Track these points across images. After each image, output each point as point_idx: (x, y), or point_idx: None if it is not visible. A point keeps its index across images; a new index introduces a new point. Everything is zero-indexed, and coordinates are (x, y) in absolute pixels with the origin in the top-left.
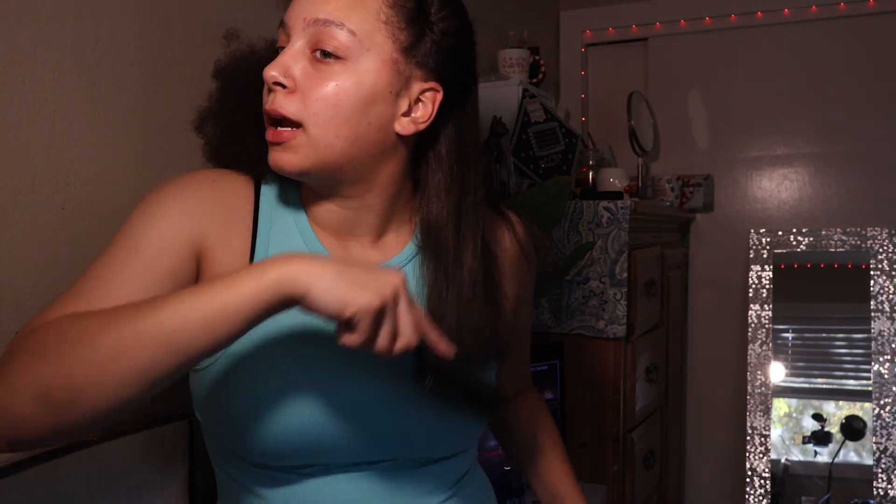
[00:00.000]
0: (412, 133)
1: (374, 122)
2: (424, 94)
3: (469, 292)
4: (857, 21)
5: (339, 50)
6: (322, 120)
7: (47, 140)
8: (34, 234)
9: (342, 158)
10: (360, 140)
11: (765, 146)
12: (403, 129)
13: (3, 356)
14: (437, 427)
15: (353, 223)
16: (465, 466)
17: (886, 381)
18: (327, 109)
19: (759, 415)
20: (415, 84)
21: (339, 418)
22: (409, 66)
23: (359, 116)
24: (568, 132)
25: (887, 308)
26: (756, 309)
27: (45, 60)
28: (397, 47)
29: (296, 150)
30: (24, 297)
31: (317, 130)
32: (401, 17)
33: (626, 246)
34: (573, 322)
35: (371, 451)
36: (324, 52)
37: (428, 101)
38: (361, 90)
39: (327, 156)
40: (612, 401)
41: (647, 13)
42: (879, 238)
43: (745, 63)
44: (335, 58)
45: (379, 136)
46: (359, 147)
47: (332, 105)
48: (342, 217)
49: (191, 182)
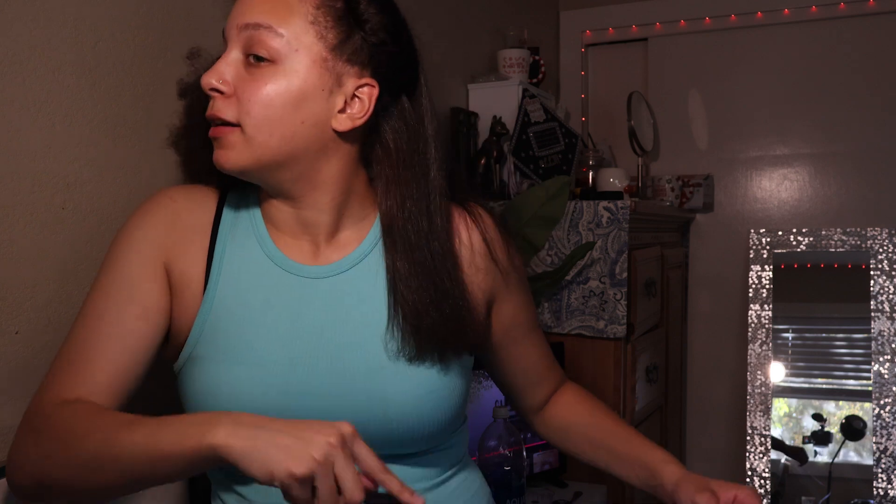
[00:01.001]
0: (349, 129)
1: (307, 120)
2: (360, 89)
3: (430, 280)
4: (857, 21)
5: (270, 53)
6: (256, 120)
7: (47, 140)
8: (34, 234)
9: (279, 157)
10: (297, 138)
11: (765, 146)
12: (340, 126)
13: (18, 429)
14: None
15: (307, 222)
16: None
17: (886, 381)
18: (260, 110)
19: (759, 415)
20: (348, 80)
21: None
22: (339, 64)
23: (291, 115)
24: (568, 132)
25: (887, 308)
26: (756, 309)
27: (45, 60)
28: (326, 46)
29: (233, 147)
30: (24, 297)
31: (252, 130)
32: (328, 17)
33: (626, 246)
34: (573, 322)
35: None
36: (256, 57)
37: (364, 97)
38: (291, 89)
39: (263, 154)
40: (612, 401)
41: (647, 13)
42: (879, 238)
43: (745, 63)
44: (266, 61)
45: (315, 133)
46: (295, 145)
47: (265, 105)
48: (295, 217)
49: (149, 205)
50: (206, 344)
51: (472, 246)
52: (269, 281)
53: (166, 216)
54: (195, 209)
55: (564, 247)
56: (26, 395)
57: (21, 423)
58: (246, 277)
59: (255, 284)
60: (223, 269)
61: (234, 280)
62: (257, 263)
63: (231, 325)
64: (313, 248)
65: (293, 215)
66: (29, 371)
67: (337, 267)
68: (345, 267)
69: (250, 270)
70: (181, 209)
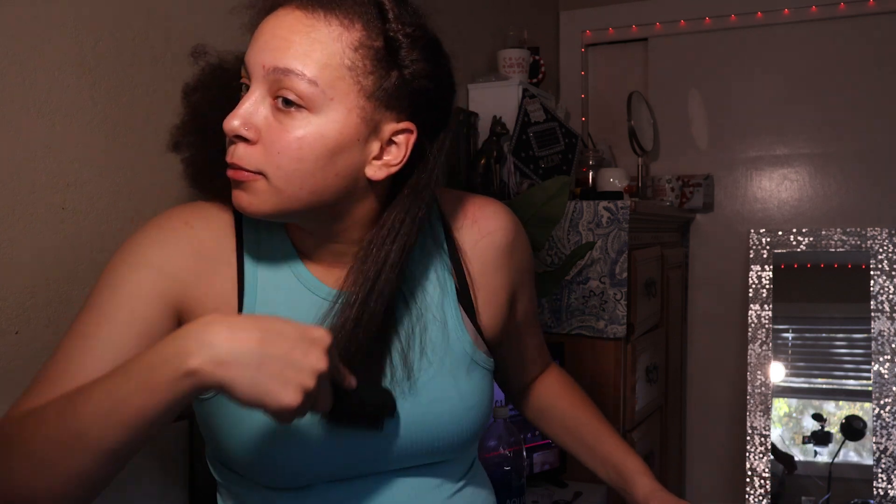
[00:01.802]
0: (384, 178)
1: (341, 172)
2: (397, 135)
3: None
4: (857, 21)
5: (301, 100)
6: (285, 173)
7: (47, 140)
8: (34, 234)
9: (309, 206)
10: (328, 190)
11: (765, 146)
12: (376, 175)
13: None
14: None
15: (338, 252)
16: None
17: (886, 381)
18: (291, 163)
19: (759, 415)
20: (386, 126)
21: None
22: (377, 112)
23: (324, 168)
24: (568, 132)
25: (887, 308)
26: (756, 309)
27: (45, 60)
28: (363, 94)
29: (256, 194)
30: (24, 297)
31: (280, 182)
32: (367, 60)
33: (626, 246)
34: (573, 322)
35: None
36: (286, 101)
37: (402, 143)
38: (326, 142)
39: (291, 205)
40: (612, 401)
41: (647, 13)
42: (879, 238)
43: (745, 63)
44: (298, 106)
45: (347, 184)
46: (326, 197)
47: (296, 159)
48: (325, 248)
49: (161, 229)
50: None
51: (498, 244)
52: (307, 307)
53: (186, 247)
54: (216, 234)
55: (564, 247)
56: None
57: None
58: (283, 307)
59: (293, 313)
60: (258, 298)
61: (270, 309)
62: (293, 290)
63: None
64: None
65: (323, 247)
66: (29, 371)
67: None
68: None
69: (287, 298)
70: (202, 237)
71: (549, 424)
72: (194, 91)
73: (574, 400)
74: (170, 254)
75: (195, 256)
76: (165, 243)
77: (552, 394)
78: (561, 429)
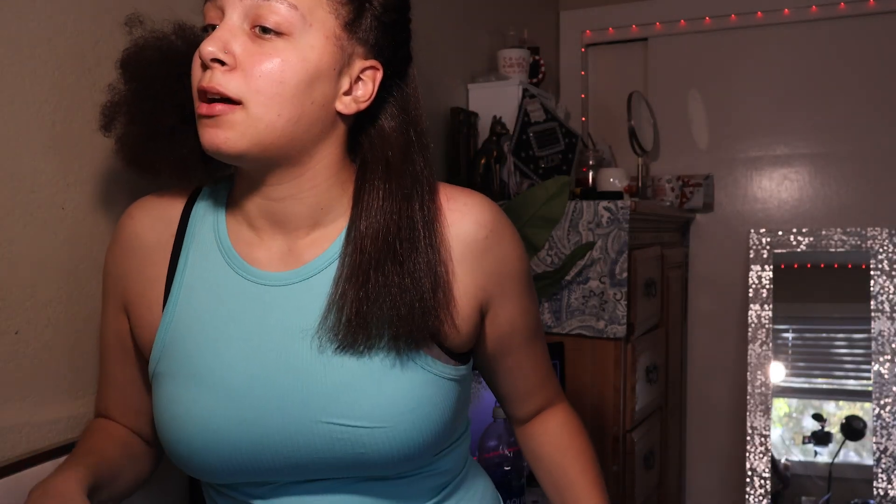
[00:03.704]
0: (353, 112)
1: (317, 101)
2: (364, 72)
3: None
4: (857, 21)
5: (282, 25)
6: (265, 98)
7: (47, 140)
8: (34, 234)
9: (282, 139)
10: (303, 120)
11: (765, 146)
12: (346, 108)
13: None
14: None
15: (283, 217)
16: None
17: (886, 381)
18: (271, 86)
19: (759, 415)
20: (356, 62)
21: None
22: (351, 43)
23: (302, 95)
24: (568, 132)
25: (887, 308)
26: (756, 309)
27: (45, 60)
28: (339, 23)
29: (233, 127)
30: (24, 297)
31: (259, 109)
32: None
33: (626, 246)
34: (573, 322)
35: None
36: (264, 28)
37: (368, 80)
38: (307, 66)
39: (266, 136)
40: (612, 401)
41: (647, 13)
42: (879, 238)
43: (745, 63)
44: (276, 34)
45: (321, 115)
46: (300, 128)
47: (277, 82)
48: (271, 212)
49: (114, 236)
50: (167, 361)
51: (464, 239)
52: (231, 292)
53: (124, 242)
54: (154, 223)
55: (564, 247)
56: (26, 395)
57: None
58: (205, 290)
59: (215, 297)
60: (184, 282)
61: (193, 293)
62: (218, 274)
63: (189, 342)
64: (286, 249)
65: (270, 209)
66: (29, 371)
67: (307, 270)
68: (317, 269)
69: (211, 281)
70: (141, 228)
71: (537, 471)
72: (129, 63)
73: (568, 455)
74: (114, 254)
75: (133, 249)
76: (113, 244)
77: (547, 443)
78: (549, 483)
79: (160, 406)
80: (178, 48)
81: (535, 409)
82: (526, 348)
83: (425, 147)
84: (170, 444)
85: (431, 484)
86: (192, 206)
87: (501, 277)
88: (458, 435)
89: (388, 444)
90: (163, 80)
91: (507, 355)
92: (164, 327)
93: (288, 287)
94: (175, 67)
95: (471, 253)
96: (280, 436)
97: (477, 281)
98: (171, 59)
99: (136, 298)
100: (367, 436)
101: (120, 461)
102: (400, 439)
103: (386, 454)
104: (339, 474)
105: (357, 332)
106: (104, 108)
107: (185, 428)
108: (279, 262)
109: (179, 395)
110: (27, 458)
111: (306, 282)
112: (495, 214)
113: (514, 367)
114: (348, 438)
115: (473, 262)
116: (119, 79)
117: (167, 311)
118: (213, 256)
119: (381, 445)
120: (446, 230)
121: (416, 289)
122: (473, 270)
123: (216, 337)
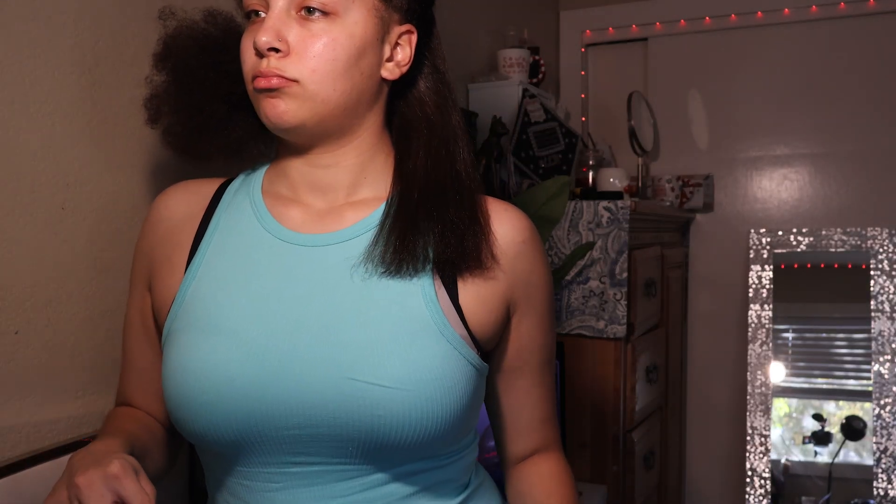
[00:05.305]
0: (397, 77)
1: (365, 71)
2: (402, 37)
3: (452, 226)
4: (857, 21)
5: (327, 5)
6: (320, 76)
7: (47, 140)
8: (34, 234)
9: (337, 110)
10: (355, 91)
11: (765, 146)
12: (390, 74)
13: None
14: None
15: (326, 182)
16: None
17: (886, 381)
18: (325, 64)
19: (759, 415)
20: (394, 28)
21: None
22: (388, 12)
23: (353, 68)
24: (568, 132)
25: (887, 308)
26: (756, 309)
27: (45, 60)
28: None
29: (294, 99)
30: (24, 297)
31: (315, 86)
32: None
33: (626, 246)
34: (573, 322)
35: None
36: (309, 10)
37: (405, 44)
38: (354, 41)
39: (323, 109)
40: (612, 401)
41: (647, 13)
42: (879, 238)
43: (745, 63)
44: (322, 13)
45: (370, 84)
46: (353, 98)
47: (331, 59)
48: (315, 177)
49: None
50: (184, 317)
51: (501, 238)
52: (258, 250)
53: (155, 216)
54: (190, 199)
55: (564, 247)
56: (26, 394)
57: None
58: (233, 250)
59: (242, 254)
60: (212, 243)
61: (220, 253)
62: (248, 233)
63: (209, 296)
64: (325, 213)
65: (313, 176)
66: (29, 371)
67: (346, 233)
68: (356, 233)
69: (239, 240)
70: (173, 203)
71: None
72: (167, 57)
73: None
74: (145, 230)
75: (163, 221)
76: (145, 222)
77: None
78: None
79: (172, 360)
80: (212, 35)
81: (531, 449)
82: (539, 374)
83: (457, 102)
84: (179, 399)
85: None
86: (227, 185)
87: (529, 287)
88: (468, 443)
89: (407, 409)
90: (204, 69)
91: (520, 377)
92: (185, 285)
93: (322, 248)
94: (212, 55)
95: (504, 254)
96: (297, 391)
97: (508, 279)
98: (207, 47)
99: (160, 266)
100: (387, 397)
101: (147, 442)
102: (419, 407)
103: (403, 420)
104: (345, 452)
105: (403, 255)
106: (147, 102)
107: (198, 379)
108: (317, 224)
109: (197, 344)
110: (27, 458)
111: (343, 244)
112: (532, 226)
113: (523, 393)
114: (369, 397)
115: (506, 262)
116: (156, 71)
117: (189, 271)
118: (247, 220)
119: (399, 408)
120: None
121: (462, 225)
122: (505, 271)
123: (238, 291)
